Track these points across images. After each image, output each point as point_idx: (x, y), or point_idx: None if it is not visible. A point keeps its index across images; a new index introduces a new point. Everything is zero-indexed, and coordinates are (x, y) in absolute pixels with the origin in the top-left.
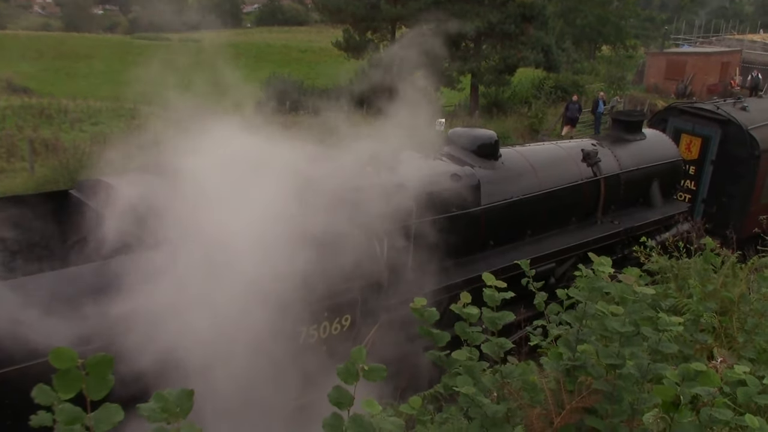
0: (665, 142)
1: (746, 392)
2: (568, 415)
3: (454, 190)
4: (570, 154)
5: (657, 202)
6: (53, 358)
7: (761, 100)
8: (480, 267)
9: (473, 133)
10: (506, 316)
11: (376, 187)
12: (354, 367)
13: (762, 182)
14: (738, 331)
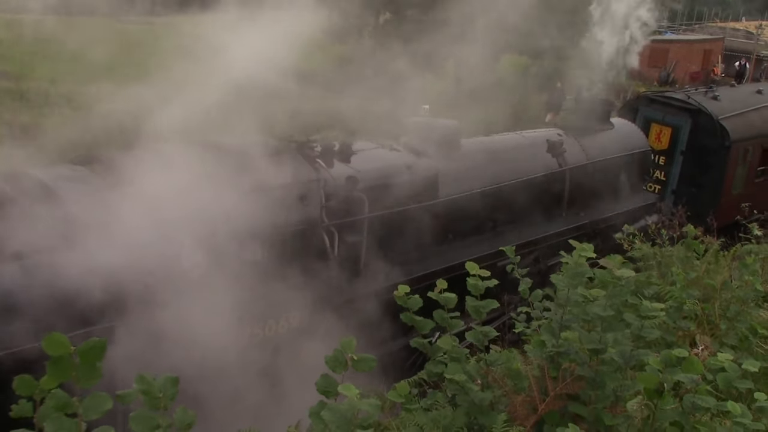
0: (634, 131)
1: (726, 378)
2: (552, 401)
3: (410, 181)
4: (534, 144)
5: (625, 194)
6: (46, 344)
7: (733, 90)
8: (437, 262)
9: (432, 124)
10: (490, 304)
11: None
12: (342, 357)
13: (733, 173)
14: (720, 318)
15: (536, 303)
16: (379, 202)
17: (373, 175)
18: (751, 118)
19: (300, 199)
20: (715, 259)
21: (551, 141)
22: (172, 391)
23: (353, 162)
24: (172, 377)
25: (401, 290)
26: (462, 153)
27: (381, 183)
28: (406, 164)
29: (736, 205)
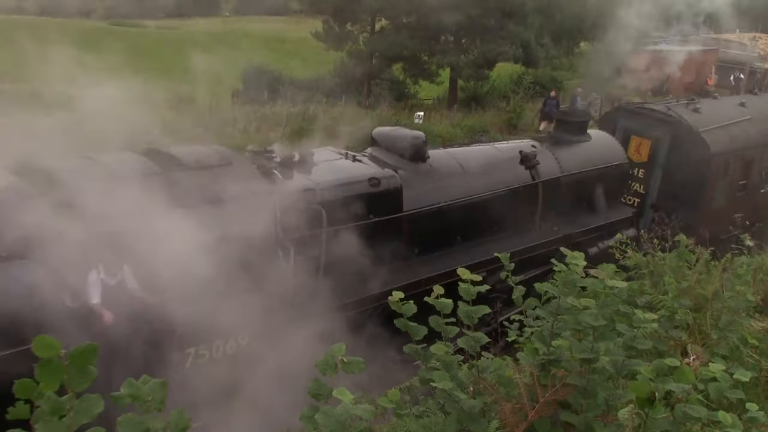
0: (611, 143)
1: (718, 387)
2: (541, 408)
3: (371, 194)
4: (507, 156)
5: (601, 207)
6: (36, 347)
7: (716, 102)
8: (400, 277)
9: (398, 134)
10: (482, 309)
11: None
12: (332, 360)
13: (713, 186)
14: (711, 327)
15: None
16: (339, 215)
17: (333, 187)
18: (732, 131)
19: (252, 212)
20: (707, 269)
21: (524, 153)
22: (161, 395)
23: (313, 173)
24: (161, 381)
25: (395, 296)
26: (429, 165)
27: (341, 196)
28: (368, 176)
29: (717, 219)
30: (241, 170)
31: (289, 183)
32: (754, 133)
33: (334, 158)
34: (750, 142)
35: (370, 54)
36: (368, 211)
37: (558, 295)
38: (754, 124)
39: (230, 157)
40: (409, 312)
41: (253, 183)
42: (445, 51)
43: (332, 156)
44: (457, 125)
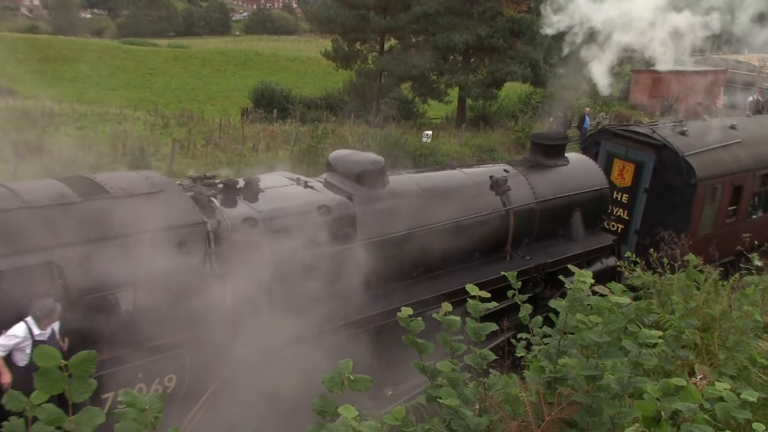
0: (590, 167)
1: (724, 407)
2: (547, 426)
3: (321, 224)
4: (475, 181)
5: (579, 235)
6: (36, 356)
7: (704, 124)
8: (354, 312)
9: (354, 158)
10: (489, 326)
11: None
12: (339, 377)
13: (700, 213)
14: (719, 348)
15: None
16: (284, 245)
17: (278, 216)
18: (720, 155)
19: (178, 244)
20: (715, 289)
21: (495, 178)
22: (158, 406)
23: (258, 201)
24: (158, 394)
25: (404, 312)
26: (388, 191)
27: (286, 225)
28: (317, 204)
29: (705, 248)
30: (172, 199)
31: (227, 212)
32: (744, 156)
33: (283, 184)
34: (740, 166)
35: (379, 73)
36: (317, 241)
37: (565, 313)
38: (745, 148)
39: (162, 184)
40: (417, 328)
41: (182, 212)
42: (454, 70)
43: (283, 182)
44: (465, 144)
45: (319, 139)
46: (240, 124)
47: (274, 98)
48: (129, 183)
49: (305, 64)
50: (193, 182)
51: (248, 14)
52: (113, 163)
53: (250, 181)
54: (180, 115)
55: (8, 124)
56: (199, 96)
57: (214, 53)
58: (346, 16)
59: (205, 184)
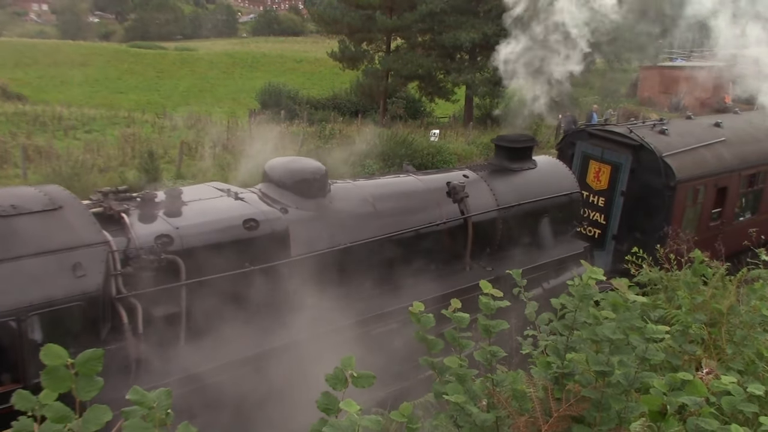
0: (560, 170)
1: (731, 401)
2: (555, 422)
3: (247, 239)
4: (430, 188)
5: (547, 243)
6: (43, 355)
7: (688, 123)
8: (287, 334)
9: (291, 166)
10: (501, 324)
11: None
12: (343, 374)
13: (680, 216)
14: (727, 342)
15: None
16: (205, 265)
17: (198, 232)
18: (703, 155)
19: (72, 267)
20: (722, 284)
21: (452, 185)
22: (166, 403)
23: (177, 216)
24: (166, 390)
25: (416, 307)
26: (329, 201)
27: (207, 242)
28: (243, 217)
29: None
30: (69, 216)
31: (140, 228)
32: (728, 156)
33: (211, 196)
34: (724, 166)
35: (386, 73)
36: (244, 258)
37: (574, 309)
38: (729, 147)
39: (62, 200)
40: (428, 324)
41: (79, 231)
42: (461, 69)
43: (211, 194)
44: (472, 143)
45: (326, 139)
46: (248, 126)
47: (281, 99)
48: (23, 200)
49: (312, 65)
50: (103, 196)
51: (255, 16)
52: (122, 166)
53: (172, 194)
54: (188, 118)
55: (18, 129)
56: (207, 98)
57: (221, 55)
58: (352, 17)
59: (118, 199)
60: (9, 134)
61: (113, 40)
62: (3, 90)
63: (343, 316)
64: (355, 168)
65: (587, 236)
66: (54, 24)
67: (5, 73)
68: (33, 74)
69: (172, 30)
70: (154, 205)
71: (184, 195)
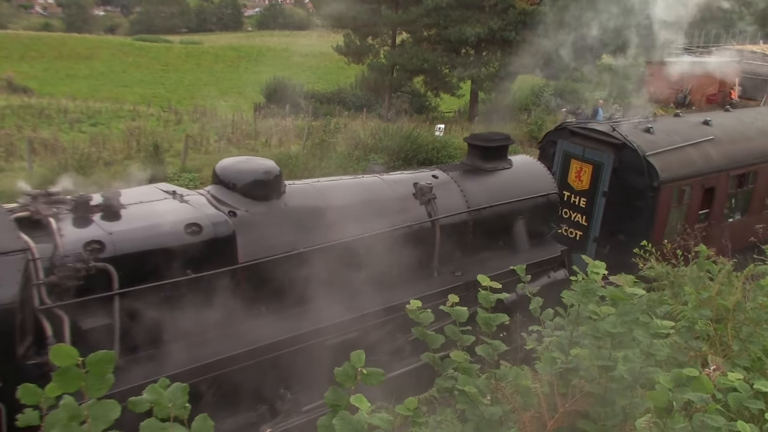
0: (537, 170)
1: (737, 398)
2: (560, 418)
3: (189, 245)
4: (395, 190)
5: (522, 246)
6: (53, 355)
7: (675, 120)
8: (236, 344)
9: (242, 167)
10: (501, 317)
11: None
12: (352, 370)
13: (664, 218)
14: (733, 339)
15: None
16: (141, 272)
17: (133, 237)
18: (689, 154)
19: None
20: (729, 280)
21: (419, 186)
22: (181, 401)
23: (116, 220)
24: (182, 385)
25: (413, 304)
26: (284, 203)
27: (144, 248)
28: (185, 222)
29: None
30: None
31: (70, 234)
32: (716, 155)
33: (153, 199)
34: (711, 165)
35: (391, 67)
36: (185, 264)
37: (577, 304)
38: (718, 145)
39: None
40: (427, 321)
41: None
42: (466, 64)
43: (154, 196)
44: None
45: (331, 133)
46: (253, 120)
47: (286, 93)
48: None
49: (317, 59)
50: (32, 199)
51: (260, 10)
52: (127, 159)
53: (110, 197)
54: (193, 111)
55: (24, 122)
56: (212, 92)
57: (227, 49)
58: (358, 11)
59: (48, 202)
60: (15, 127)
61: (119, 33)
62: (9, 83)
63: (296, 326)
64: (360, 163)
65: (568, 238)
66: (59, 17)
67: (11, 66)
68: (39, 67)
69: (178, 23)
70: (89, 208)
71: (124, 198)
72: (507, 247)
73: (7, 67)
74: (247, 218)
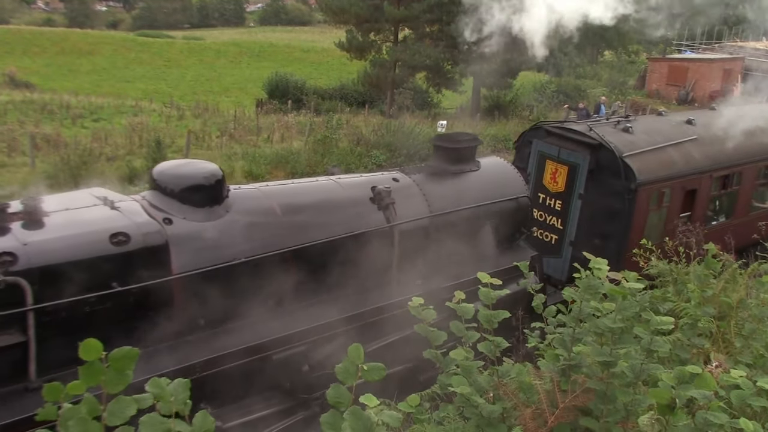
0: (506, 173)
1: (740, 395)
2: (561, 414)
3: (115, 255)
4: (350, 194)
5: (489, 252)
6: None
7: (656, 120)
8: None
9: (180, 171)
10: (502, 314)
11: None
12: (353, 367)
13: (642, 222)
14: (735, 336)
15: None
16: (60, 287)
17: (52, 248)
18: (669, 154)
19: None
20: (732, 278)
21: (377, 189)
22: (183, 396)
23: (37, 229)
24: (184, 381)
25: (415, 302)
26: (225, 209)
27: (63, 260)
28: (111, 231)
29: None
30: None
31: None
32: (699, 156)
33: (82, 206)
34: (692, 167)
35: (393, 63)
36: (110, 277)
37: (580, 300)
38: (701, 146)
39: None
40: (430, 317)
41: None
42: (468, 60)
43: (83, 202)
44: (480, 134)
45: (333, 129)
46: (254, 115)
47: (288, 89)
48: None
49: (319, 55)
50: None
51: (262, 5)
52: (129, 155)
53: (30, 204)
54: (195, 107)
55: (26, 117)
56: (214, 87)
57: (229, 45)
58: (360, 6)
59: None
60: (17, 122)
61: (121, 28)
62: (11, 78)
63: (237, 340)
64: (362, 159)
65: (543, 242)
66: (62, 12)
67: (13, 61)
68: (41, 62)
69: (180, 19)
70: (5, 217)
71: (47, 205)
72: (472, 253)
73: (10, 62)
74: (184, 226)
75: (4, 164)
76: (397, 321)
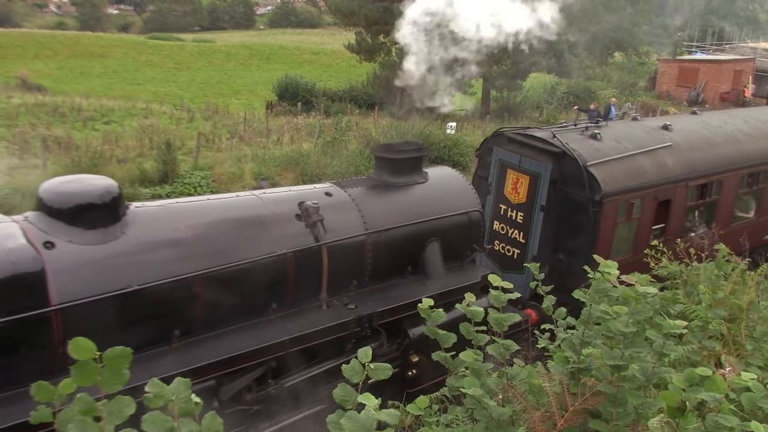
0: (456, 185)
1: (751, 398)
2: (571, 417)
3: None
4: (273, 210)
5: (435, 272)
6: (72, 349)
7: (628, 125)
8: (18, 409)
9: (65, 189)
10: (512, 317)
11: None
12: (360, 366)
13: (609, 236)
14: (746, 338)
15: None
16: None
17: None
18: (640, 163)
19: None
20: (743, 280)
21: (304, 206)
22: (185, 395)
23: None
24: (185, 380)
25: (425, 303)
26: (121, 230)
27: None
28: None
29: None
30: None
31: None
32: (673, 164)
33: None
34: (665, 176)
35: None
36: None
37: (589, 303)
38: (676, 153)
39: None
40: (439, 319)
41: None
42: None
43: None
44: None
45: (342, 131)
46: (264, 117)
47: (298, 91)
48: None
49: (329, 57)
50: None
51: (272, 8)
52: (140, 157)
53: None
54: (205, 109)
55: (38, 120)
56: (224, 90)
57: (239, 47)
58: (369, 9)
59: None
60: (29, 125)
61: (132, 31)
62: (23, 81)
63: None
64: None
65: (504, 256)
66: (73, 15)
67: (25, 64)
68: (52, 65)
69: (190, 22)
70: None
71: None
72: (417, 273)
73: (22, 65)
74: (68, 250)
75: (16, 166)
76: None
